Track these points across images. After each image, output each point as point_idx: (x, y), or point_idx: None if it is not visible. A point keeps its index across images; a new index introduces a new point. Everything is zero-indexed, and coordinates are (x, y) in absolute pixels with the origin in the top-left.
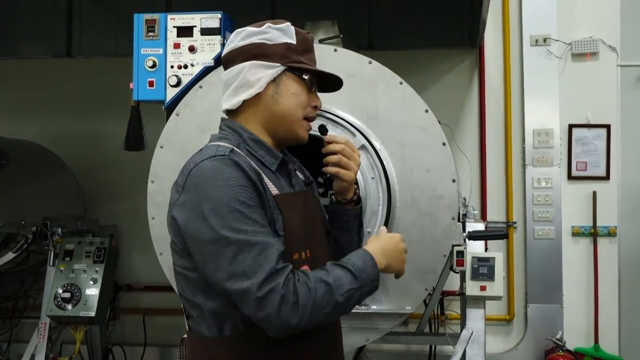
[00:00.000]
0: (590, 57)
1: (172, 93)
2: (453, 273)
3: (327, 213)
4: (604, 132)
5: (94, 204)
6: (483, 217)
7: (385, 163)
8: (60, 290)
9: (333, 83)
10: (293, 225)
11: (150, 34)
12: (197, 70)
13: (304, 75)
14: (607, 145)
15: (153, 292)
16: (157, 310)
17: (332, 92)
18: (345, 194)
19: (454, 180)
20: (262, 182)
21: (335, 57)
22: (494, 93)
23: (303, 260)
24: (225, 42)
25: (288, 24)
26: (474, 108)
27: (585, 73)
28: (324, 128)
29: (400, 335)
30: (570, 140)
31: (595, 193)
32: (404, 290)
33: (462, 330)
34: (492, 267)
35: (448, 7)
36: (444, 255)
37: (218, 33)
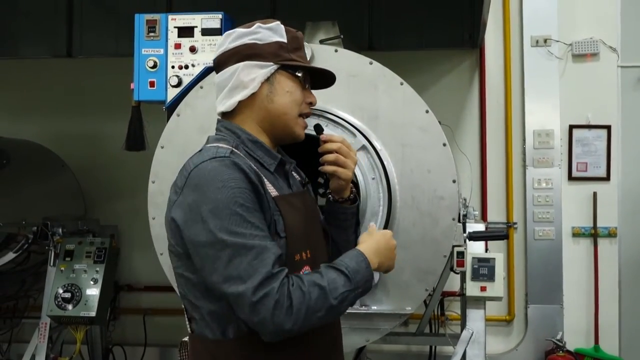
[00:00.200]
0: (591, 57)
1: (173, 93)
2: (453, 274)
3: (324, 212)
4: (605, 132)
5: (95, 204)
6: (483, 217)
7: (386, 163)
8: (61, 290)
9: (326, 80)
10: (294, 227)
11: (151, 34)
12: (198, 71)
13: (297, 73)
14: (607, 146)
15: (153, 292)
16: (157, 311)
17: (325, 88)
18: (342, 193)
19: (455, 181)
20: (262, 184)
21: (336, 57)
22: (495, 93)
23: (304, 261)
24: None
25: (277, 23)
26: (475, 108)
27: (586, 74)
28: (320, 127)
29: (401, 336)
30: (571, 141)
31: (596, 194)
32: (405, 291)
33: (462, 331)
34: (492, 267)
35: (448, 7)
36: (445, 256)
37: (219, 33)
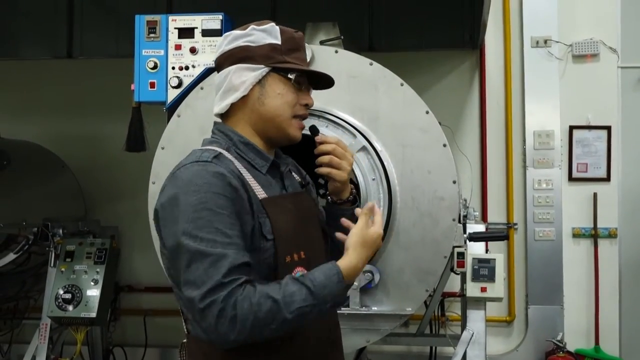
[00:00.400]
0: (591, 58)
1: (173, 94)
2: (454, 274)
3: (325, 214)
4: (605, 133)
5: (95, 205)
6: (484, 218)
7: (386, 164)
8: (61, 291)
9: (327, 80)
10: (282, 228)
11: (152, 35)
12: (198, 72)
13: (289, 75)
14: (607, 147)
15: (154, 293)
16: (157, 311)
17: (326, 89)
18: (340, 194)
19: (455, 182)
20: (245, 187)
21: (336, 58)
22: (495, 94)
23: (297, 262)
24: None
25: (272, 25)
26: (475, 109)
27: (586, 74)
28: (315, 129)
29: (401, 337)
30: (571, 142)
31: (596, 194)
32: (405, 292)
33: (462, 332)
34: (492, 268)
35: (449, 8)
36: (445, 257)
37: (219, 34)
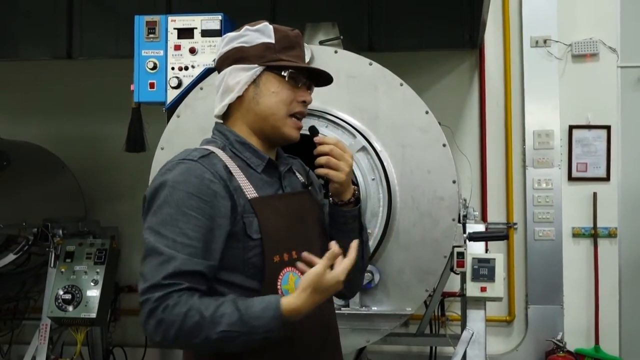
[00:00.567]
0: (591, 58)
1: (172, 95)
2: (453, 274)
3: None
4: (604, 133)
5: (95, 206)
6: (483, 218)
7: (386, 164)
8: (61, 292)
9: (326, 77)
10: (271, 228)
11: (151, 36)
12: (197, 72)
13: (283, 72)
14: (607, 147)
15: None
16: None
17: (326, 85)
18: (341, 196)
19: (455, 182)
20: (228, 188)
21: (336, 58)
22: (494, 94)
23: (286, 262)
24: None
25: (266, 24)
26: (475, 109)
27: (586, 74)
28: (315, 129)
29: (401, 337)
30: (571, 142)
31: (596, 194)
32: (405, 292)
33: (462, 332)
34: (492, 268)
35: (448, 8)
36: (445, 257)
37: (219, 35)
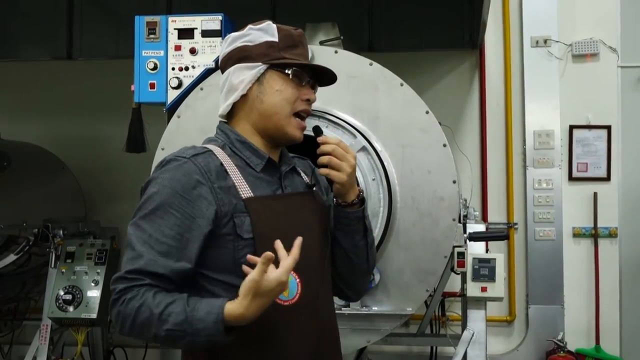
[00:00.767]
0: (591, 58)
1: (173, 95)
2: (454, 274)
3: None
4: (605, 133)
5: (95, 206)
6: (484, 218)
7: (386, 164)
8: (62, 292)
9: (330, 76)
10: (264, 227)
11: (151, 36)
12: (198, 72)
13: (287, 70)
14: (607, 146)
15: None
16: None
17: (329, 84)
18: (344, 197)
19: (455, 182)
20: (213, 189)
21: (336, 58)
22: (495, 94)
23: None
24: None
25: (269, 23)
26: (475, 109)
27: (586, 74)
28: (318, 129)
29: (402, 337)
30: (571, 142)
31: (596, 194)
32: (405, 292)
33: (463, 332)
34: (493, 268)
35: (448, 8)
36: (445, 257)
37: (219, 35)
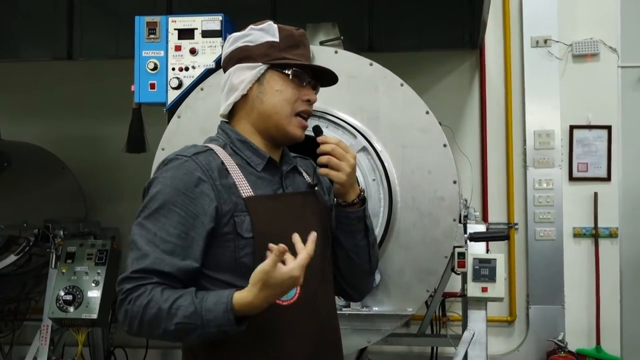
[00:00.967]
0: (591, 58)
1: (173, 95)
2: (454, 274)
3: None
4: (605, 133)
5: (96, 206)
6: (484, 218)
7: (386, 164)
8: (62, 293)
9: (331, 77)
10: (264, 226)
11: (152, 37)
12: (198, 73)
13: (287, 71)
14: (608, 147)
15: None
16: None
17: (331, 85)
18: (344, 196)
19: (455, 182)
20: (216, 188)
21: (336, 59)
22: (495, 94)
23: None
24: None
25: (270, 23)
26: (475, 109)
27: (586, 74)
28: (318, 129)
29: (402, 337)
30: (571, 142)
31: (597, 194)
32: (406, 292)
33: (463, 332)
34: (493, 268)
35: (449, 8)
36: (445, 257)
37: (219, 35)
